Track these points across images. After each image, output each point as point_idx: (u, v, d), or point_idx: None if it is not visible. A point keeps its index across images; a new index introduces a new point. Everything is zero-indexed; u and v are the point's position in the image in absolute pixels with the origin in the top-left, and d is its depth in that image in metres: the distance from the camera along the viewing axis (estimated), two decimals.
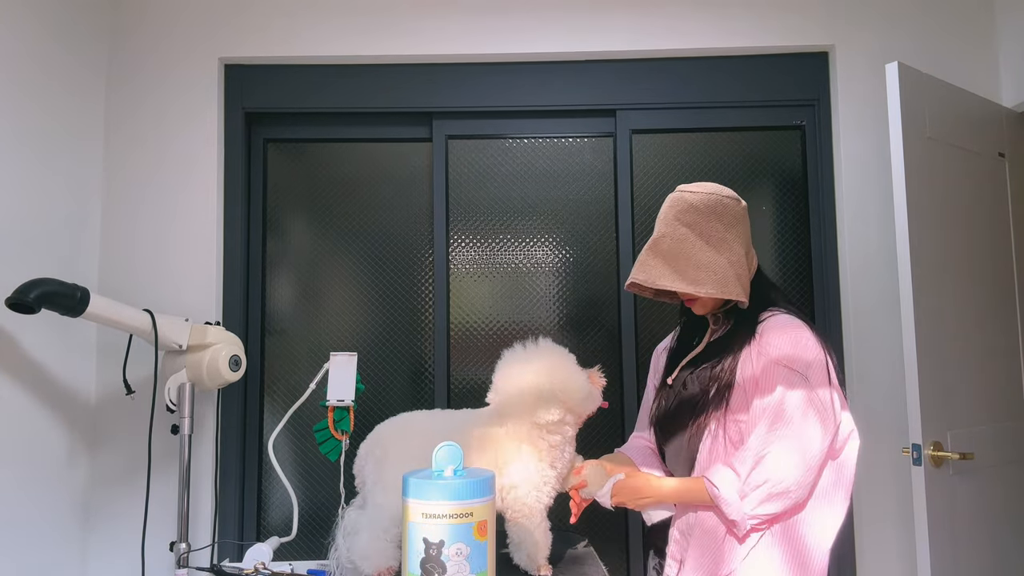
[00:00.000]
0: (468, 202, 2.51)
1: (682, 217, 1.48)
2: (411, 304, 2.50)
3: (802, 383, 1.39)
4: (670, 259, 1.46)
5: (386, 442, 1.65)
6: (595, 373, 1.69)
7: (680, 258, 1.45)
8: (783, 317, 1.48)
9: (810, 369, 1.40)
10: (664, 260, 1.47)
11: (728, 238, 1.46)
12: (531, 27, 2.43)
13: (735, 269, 1.44)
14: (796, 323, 1.45)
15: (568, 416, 1.60)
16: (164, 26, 2.41)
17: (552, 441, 1.59)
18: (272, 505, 2.45)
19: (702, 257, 1.44)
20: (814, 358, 1.41)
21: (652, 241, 1.51)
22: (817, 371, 1.40)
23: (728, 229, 1.47)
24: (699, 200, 1.48)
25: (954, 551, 1.97)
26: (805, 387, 1.39)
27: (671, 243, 1.47)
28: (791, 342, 1.41)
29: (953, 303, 2.10)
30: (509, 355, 1.65)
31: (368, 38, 2.42)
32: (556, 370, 1.60)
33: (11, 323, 1.92)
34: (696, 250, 1.45)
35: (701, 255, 1.44)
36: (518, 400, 1.60)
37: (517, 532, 1.59)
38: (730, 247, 1.46)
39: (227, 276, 2.40)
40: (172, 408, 2.05)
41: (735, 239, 1.47)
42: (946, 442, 1.99)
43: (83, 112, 2.29)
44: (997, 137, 2.32)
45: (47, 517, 2.08)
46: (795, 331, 1.43)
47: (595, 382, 1.68)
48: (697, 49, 2.43)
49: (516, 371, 1.62)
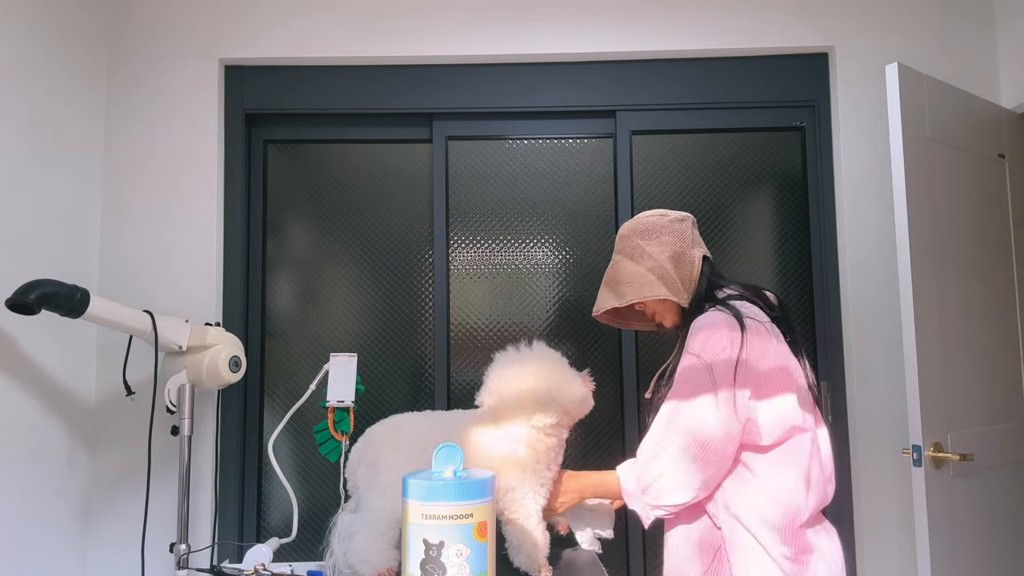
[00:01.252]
0: (468, 203, 2.51)
1: (616, 247, 1.68)
2: (411, 305, 2.50)
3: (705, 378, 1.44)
4: (611, 284, 1.65)
5: (377, 446, 1.65)
6: (586, 377, 1.70)
7: (614, 281, 1.64)
8: (707, 316, 1.52)
9: (715, 368, 1.44)
10: (607, 287, 1.66)
11: (648, 249, 1.61)
12: (531, 28, 2.43)
13: (656, 273, 1.58)
14: (715, 321, 1.48)
15: (564, 419, 1.61)
16: (164, 27, 2.42)
17: (548, 444, 1.60)
18: (272, 506, 2.44)
19: (626, 273, 1.62)
20: (724, 358, 1.44)
21: (605, 279, 1.69)
22: (722, 369, 1.43)
23: (647, 241, 1.61)
24: (624, 228, 1.68)
25: (954, 552, 1.97)
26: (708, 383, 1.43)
27: (610, 271, 1.67)
28: (701, 341, 1.47)
29: (953, 304, 2.10)
30: (502, 357, 1.66)
31: (368, 39, 2.43)
32: (553, 374, 1.61)
33: (11, 324, 1.92)
34: (622, 269, 1.63)
35: (625, 272, 1.62)
36: (514, 403, 1.60)
37: (515, 534, 1.59)
38: (649, 255, 1.60)
39: (227, 277, 2.40)
40: (172, 409, 2.05)
41: (656, 247, 1.60)
42: (946, 443, 1.99)
43: (83, 113, 2.29)
44: (997, 138, 2.32)
45: (47, 518, 2.08)
46: (708, 331, 1.47)
47: (587, 386, 1.69)
48: (697, 50, 2.43)
49: (511, 374, 1.62)
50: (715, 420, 1.41)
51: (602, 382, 2.42)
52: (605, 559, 1.86)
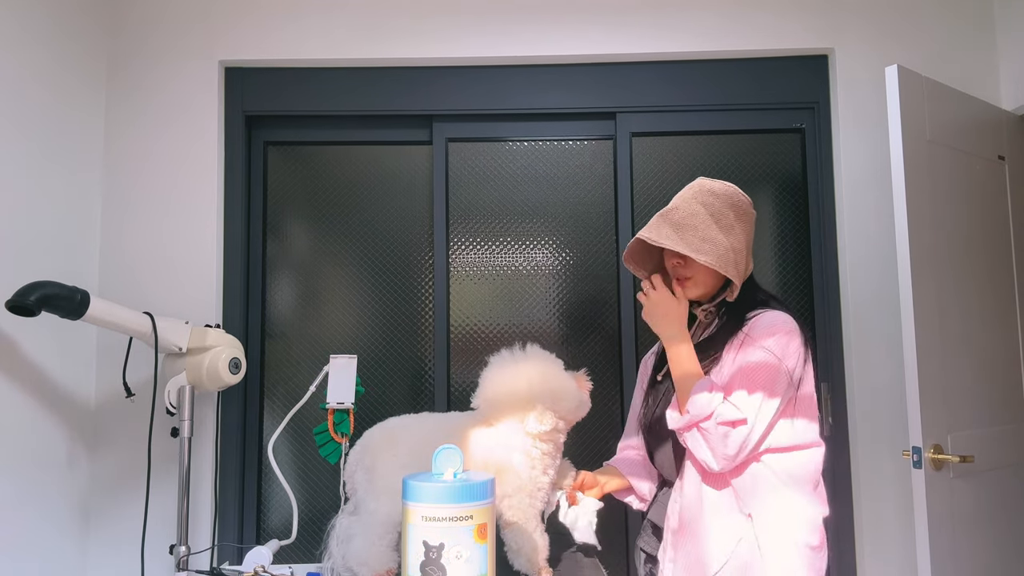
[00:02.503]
0: (468, 205, 2.51)
1: (699, 197, 1.55)
2: (411, 306, 2.50)
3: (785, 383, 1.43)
4: (678, 228, 1.52)
5: (375, 449, 1.65)
6: (582, 377, 1.68)
7: (688, 229, 1.52)
8: (774, 314, 1.50)
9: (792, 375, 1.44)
10: (673, 227, 1.53)
11: (736, 228, 1.53)
12: (531, 30, 2.43)
13: (735, 255, 1.51)
14: (790, 327, 1.48)
15: (560, 423, 1.60)
16: (164, 29, 2.42)
17: (545, 449, 1.59)
18: (272, 508, 2.44)
19: (709, 232, 1.51)
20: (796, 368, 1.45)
21: (664, 210, 1.57)
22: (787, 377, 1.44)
23: (738, 220, 1.54)
24: (719, 188, 1.57)
25: (954, 554, 1.97)
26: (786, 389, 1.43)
27: (682, 215, 1.53)
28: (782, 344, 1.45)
29: (953, 306, 2.10)
30: (497, 360, 1.65)
31: (368, 41, 2.43)
32: (548, 379, 1.59)
33: (11, 326, 1.92)
34: (705, 226, 1.52)
35: (709, 231, 1.51)
36: (509, 409, 1.59)
37: (514, 538, 1.59)
38: (736, 235, 1.53)
39: (227, 278, 2.40)
40: (172, 411, 2.05)
41: (741, 232, 1.54)
42: (946, 445, 1.99)
43: (83, 115, 2.29)
44: (997, 140, 2.32)
45: (47, 520, 2.08)
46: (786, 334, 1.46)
47: (583, 386, 1.67)
48: (697, 52, 2.43)
49: (506, 379, 1.61)
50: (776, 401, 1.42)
51: (601, 383, 2.42)
52: (605, 560, 1.85)
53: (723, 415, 1.40)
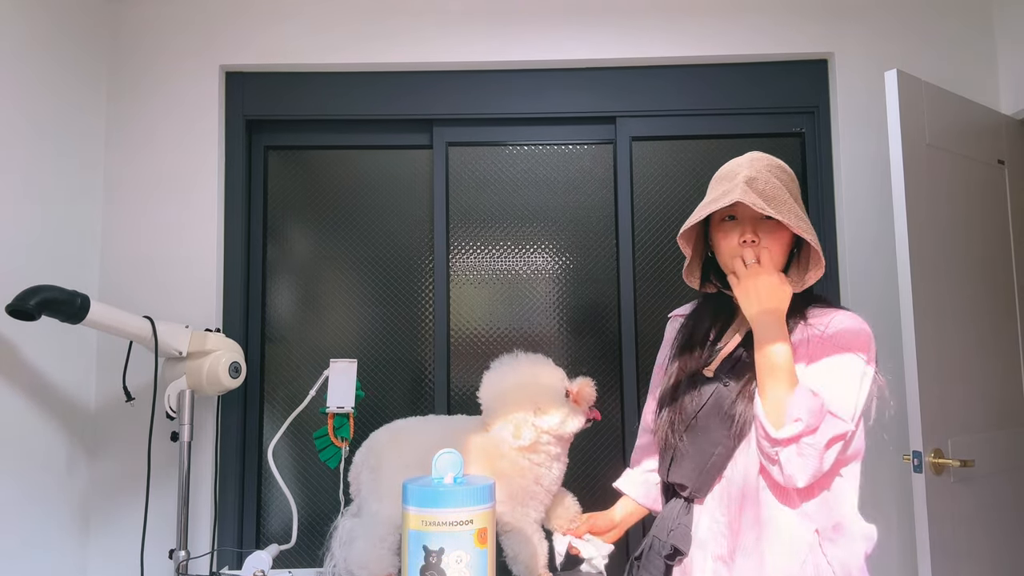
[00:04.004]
0: (468, 209, 2.52)
1: (773, 171, 1.36)
2: (411, 310, 2.50)
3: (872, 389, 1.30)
4: (770, 199, 1.30)
5: (380, 451, 1.64)
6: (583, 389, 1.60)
7: (779, 202, 1.31)
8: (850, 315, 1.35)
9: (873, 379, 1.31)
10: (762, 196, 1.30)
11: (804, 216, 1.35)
12: (531, 34, 2.44)
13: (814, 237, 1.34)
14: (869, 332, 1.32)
15: (545, 436, 1.57)
16: (165, 34, 2.42)
17: (535, 459, 1.57)
18: (272, 512, 2.44)
19: (797, 210, 1.33)
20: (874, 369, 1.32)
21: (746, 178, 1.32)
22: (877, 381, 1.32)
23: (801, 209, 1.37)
24: (783, 164, 1.40)
25: (955, 558, 1.96)
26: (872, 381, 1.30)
27: (766, 186, 1.31)
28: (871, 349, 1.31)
29: (953, 310, 2.10)
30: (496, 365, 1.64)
31: (369, 45, 2.43)
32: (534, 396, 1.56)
33: (11, 330, 1.92)
34: (792, 202, 1.33)
35: (796, 208, 1.33)
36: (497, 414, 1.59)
37: (512, 545, 1.59)
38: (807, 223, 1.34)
39: (227, 283, 2.40)
40: (172, 415, 2.05)
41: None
42: (947, 449, 1.99)
43: (84, 119, 2.30)
44: (996, 144, 2.32)
45: (46, 524, 2.07)
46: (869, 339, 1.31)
47: (580, 400, 1.59)
48: (697, 56, 2.44)
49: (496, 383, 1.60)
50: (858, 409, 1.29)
51: (602, 384, 2.41)
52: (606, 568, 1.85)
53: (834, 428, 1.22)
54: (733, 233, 1.36)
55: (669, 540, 1.38)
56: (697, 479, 1.35)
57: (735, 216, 1.38)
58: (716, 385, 1.36)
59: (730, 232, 1.37)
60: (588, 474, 2.39)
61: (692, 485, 1.36)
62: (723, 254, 1.39)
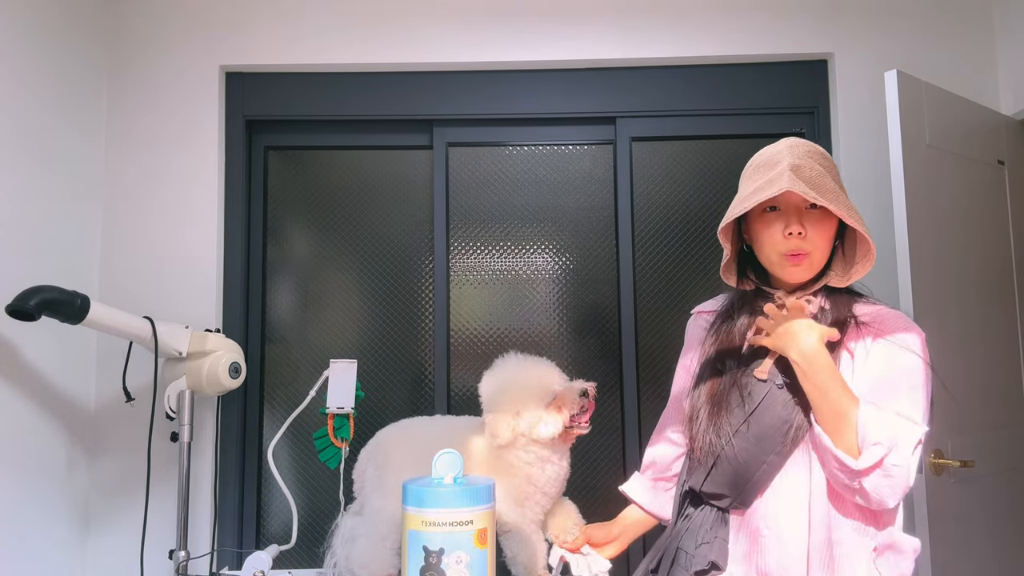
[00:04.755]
0: (468, 209, 2.52)
1: (815, 158, 1.29)
2: (411, 311, 2.50)
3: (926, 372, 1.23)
4: (817, 187, 1.23)
5: (388, 447, 1.64)
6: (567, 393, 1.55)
7: (826, 190, 1.23)
8: (896, 312, 1.29)
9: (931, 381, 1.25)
10: (812, 185, 1.23)
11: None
12: (531, 34, 2.44)
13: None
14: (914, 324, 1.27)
15: (521, 439, 1.55)
16: (165, 34, 2.42)
17: (525, 459, 1.56)
18: (271, 513, 2.44)
19: (844, 198, 1.26)
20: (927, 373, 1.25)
21: (791, 166, 1.25)
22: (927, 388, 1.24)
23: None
24: (825, 152, 1.32)
25: (955, 559, 1.96)
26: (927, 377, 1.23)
27: (812, 173, 1.24)
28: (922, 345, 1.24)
29: (953, 311, 2.10)
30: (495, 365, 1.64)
31: (369, 46, 2.43)
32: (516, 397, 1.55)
33: (11, 330, 1.92)
34: (838, 190, 1.26)
35: (843, 196, 1.26)
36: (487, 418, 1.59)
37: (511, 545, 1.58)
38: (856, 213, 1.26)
39: (227, 283, 2.40)
40: (172, 415, 2.05)
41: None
42: (947, 449, 1.99)
43: (84, 119, 2.30)
44: (996, 145, 2.32)
45: (46, 524, 2.07)
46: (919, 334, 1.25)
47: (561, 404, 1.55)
48: (697, 57, 2.44)
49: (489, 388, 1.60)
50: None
51: (603, 384, 2.42)
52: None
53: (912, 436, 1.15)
54: (776, 224, 1.27)
55: (701, 553, 1.27)
56: (742, 488, 1.26)
57: (777, 207, 1.29)
58: (769, 386, 1.27)
59: (773, 223, 1.28)
60: (587, 475, 2.39)
61: (733, 495, 1.27)
62: (764, 247, 1.30)
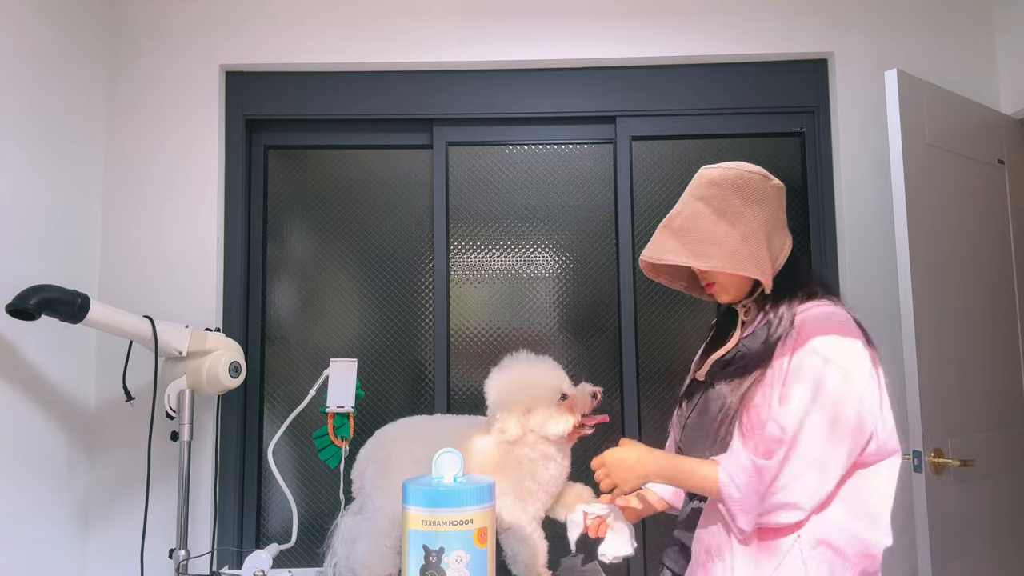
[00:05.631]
0: (468, 208, 2.52)
1: (698, 192, 1.39)
2: (411, 310, 2.50)
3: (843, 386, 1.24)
4: (680, 234, 1.36)
5: (389, 446, 1.64)
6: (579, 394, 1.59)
7: (691, 233, 1.35)
8: (826, 309, 1.32)
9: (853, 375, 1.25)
10: (674, 236, 1.36)
11: (746, 213, 1.34)
12: (532, 34, 2.44)
13: (750, 246, 1.32)
14: (840, 318, 1.30)
15: (530, 436, 1.58)
16: (165, 34, 2.42)
17: (530, 455, 1.58)
18: (272, 512, 2.44)
19: (714, 231, 1.33)
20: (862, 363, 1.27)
21: (666, 219, 1.40)
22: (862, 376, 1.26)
23: (747, 204, 1.35)
24: (718, 174, 1.40)
25: (955, 558, 1.97)
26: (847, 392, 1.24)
27: (683, 219, 1.37)
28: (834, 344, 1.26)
29: (953, 309, 2.10)
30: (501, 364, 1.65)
31: (369, 45, 2.43)
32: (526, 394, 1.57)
33: (11, 329, 1.92)
34: (708, 224, 1.34)
35: (714, 229, 1.33)
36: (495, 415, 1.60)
37: (512, 543, 1.59)
38: (747, 222, 1.33)
39: (227, 282, 2.40)
40: (172, 415, 2.05)
41: (754, 215, 1.35)
42: (947, 449, 1.99)
43: (84, 119, 2.30)
44: (996, 144, 2.32)
45: (47, 523, 2.07)
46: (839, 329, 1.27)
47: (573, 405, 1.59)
48: (697, 56, 2.43)
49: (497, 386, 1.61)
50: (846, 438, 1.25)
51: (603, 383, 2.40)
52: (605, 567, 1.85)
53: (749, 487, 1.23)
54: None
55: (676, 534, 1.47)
56: None
57: None
58: (707, 386, 1.40)
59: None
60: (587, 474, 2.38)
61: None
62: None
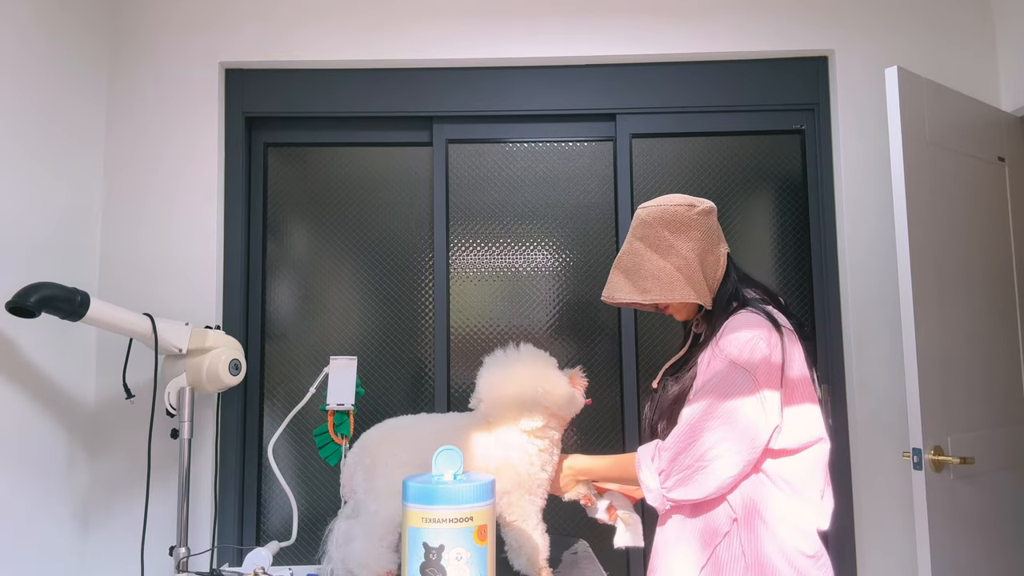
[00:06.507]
0: (468, 206, 2.52)
1: (636, 232, 1.58)
2: (411, 308, 2.50)
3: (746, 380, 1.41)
4: (628, 273, 1.57)
5: (374, 450, 1.65)
6: (576, 374, 1.70)
7: (634, 271, 1.56)
8: (742, 317, 1.48)
9: (757, 370, 1.41)
10: (623, 274, 1.58)
11: (676, 244, 1.53)
12: (531, 31, 2.43)
13: (684, 273, 1.51)
14: (752, 323, 1.46)
15: (552, 421, 1.62)
16: (165, 31, 2.42)
17: (540, 446, 1.60)
18: (272, 509, 2.44)
19: (651, 266, 1.54)
20: (761, 359, 1.42)
21: (616, 259, 1.62)
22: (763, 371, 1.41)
23: (676, 235, 1.53)
24: (647, 214, 1.58)
25: (955, 555, 1.97)
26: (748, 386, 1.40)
27: (628, 258, 1.58)
28: (740, 344, 1.43)
29: (953, 307, 2.10)
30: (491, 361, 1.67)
31: (368, 42, 2.43)
32: (538, 378, 1.61)
33: (11, 327, 1.92)
34: (645, 261, 1.55)
35: (650, 265, 1.54)
36: (503, 407, 1.61)
37: (515, 537, 1.59)
38: (677, 252, 1.53)
39: (227, 280, 2.40)
40: (172, 412, 2.05)
41: (684, 243, 1.53)
42: (947, 446, 1.99)
43: (84, 117, 2.29)
44: (997, 141, 2.32)
45: (47, 521, 2.07)
46: (747, 332, 1.44)
47: (576, 384, 1.68)
48: (697, 53, 2.43)
49: (499, 378, 1.63)
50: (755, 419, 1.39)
51: (603, 382, 2.42)
52: (604, 560, 1.86)
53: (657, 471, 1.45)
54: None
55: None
56: None
57: None
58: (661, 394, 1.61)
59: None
60: None
61: None
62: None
